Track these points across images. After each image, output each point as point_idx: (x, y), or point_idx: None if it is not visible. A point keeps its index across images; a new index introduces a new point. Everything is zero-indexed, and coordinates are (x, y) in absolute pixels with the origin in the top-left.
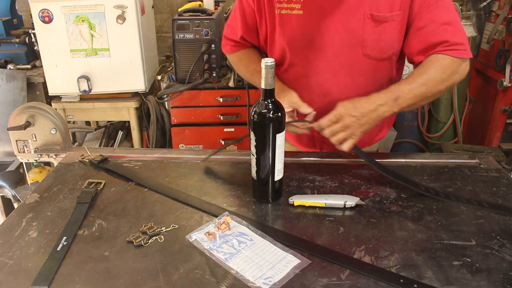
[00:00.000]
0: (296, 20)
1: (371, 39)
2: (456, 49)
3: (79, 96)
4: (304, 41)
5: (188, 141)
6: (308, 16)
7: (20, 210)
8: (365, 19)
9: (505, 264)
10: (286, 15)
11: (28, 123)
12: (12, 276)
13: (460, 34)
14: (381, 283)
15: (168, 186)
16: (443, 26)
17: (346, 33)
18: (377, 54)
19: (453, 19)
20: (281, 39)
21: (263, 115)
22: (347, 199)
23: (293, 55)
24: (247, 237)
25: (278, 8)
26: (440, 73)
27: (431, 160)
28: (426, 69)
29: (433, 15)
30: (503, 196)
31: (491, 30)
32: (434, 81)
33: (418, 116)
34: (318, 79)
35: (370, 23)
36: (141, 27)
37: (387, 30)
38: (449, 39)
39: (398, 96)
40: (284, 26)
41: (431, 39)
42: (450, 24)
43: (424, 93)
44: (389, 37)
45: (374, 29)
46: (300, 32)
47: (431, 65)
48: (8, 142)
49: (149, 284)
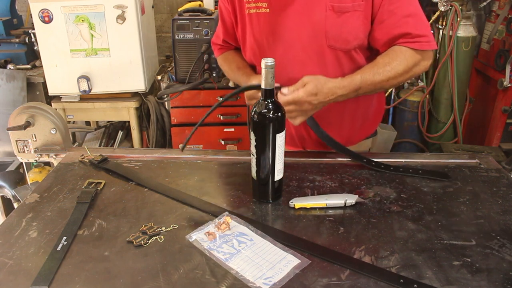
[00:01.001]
0: (263, 18)
1: (333, 30)
2: (419, 41)
3: (79, 96)
4: (271, 38)
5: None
6: (274, 13)
7: (20, 210)
8: (327, 10)
9: (505, 264)
10: (254, 14)
11: (28, 123)
12: (12, 276)
13: (422, 26)
14: (381, 283)
15: (168, 186)
16: (405, 18)
17: (310, 25)
18: (341, 45)
19: (415, 11)
20: (251, 38)
21: (263, 115)
22: (347, 197)
23: (263, 53)
24: (247, 237)
25: (247, 8)
26: (403, 65)
27: (431, 160)
28: (390, 61)
29: (395, 7)
30: (503, 196)
31: (491, 30)
32: (396, 73)
33: (418, 116)
34: (288, 72)
35: (332, 15)
36: (141, 27)
37: (349, 20)
38: (411, 31)
39: (360, 87)
40: (253, 26)
41: (394, 31)
42: (412, 16)
43: (385, 84)
44: (351, 28)
45: (336, 20)
46: (267, 29)
47: (395, 56)
48: (8, 142)
49: (149, 284)
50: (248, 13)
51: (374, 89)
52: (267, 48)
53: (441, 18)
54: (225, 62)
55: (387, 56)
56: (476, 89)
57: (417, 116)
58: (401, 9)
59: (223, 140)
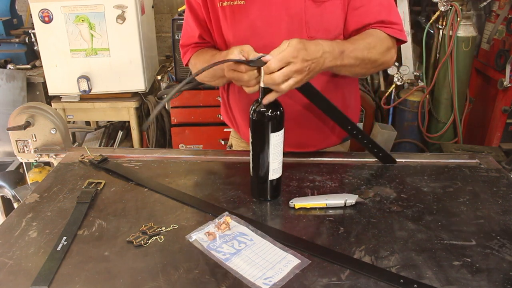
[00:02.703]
0: (239, 11)
1: (314, 20)
2: (392, 28)
3: (79, 96)
4: (249, 32)
5: (188, 141)
6: (250, 6)
7: (20, 210)
8: (306, 1)
9: (505, 264)
10: (228, 7)
11: (28, 123)
12: (12, 276)
13: (396, 15)
14: (381, 283)
15: (168, 186)
16: (379, 6)
17: (289, 18)
18: (323, 35)
19: (388, 1)
20: (226, 32)
21: (260, 113)
22: (347, 197)
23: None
24: (247, 237)
25: (220, 1)
26: (379, 44)
27: (431, 160)
28: (366, 37)
29: None
30: (503, 196)
31: (491, 30)
32: (374, 48)
33: (418, 116)
34: None
35: (311, 4)
36: (141, 27)
37: (328, 9)
38: (384, 19)
39: (343, 50)
40: (227, 20)
41: (367, 19)
42: (385, 5)
43: (364, 57)
44: (331, 16)
45: (315, 10)
46: (244, 23)
47: (370, 35)
48: (8, 142)
49: (149, 284)
50: (220, 6)
51: (354, 61)
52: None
53: (441, 18)
54: (197, 59)
55: (363, 34)
56: (476, 89)
57: (417, 116)
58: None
59: (223, 140)
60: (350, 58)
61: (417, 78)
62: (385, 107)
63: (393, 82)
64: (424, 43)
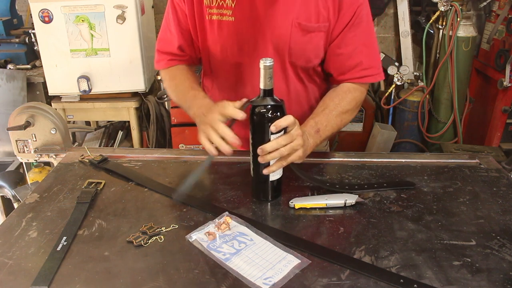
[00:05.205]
0: (227, 27)
1: (297, 47)
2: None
3: (79, 96)
4: (235, 48)
5: (188, 141)
6: (239, 23)
7: (20, 210)
8: (293, 27)
9: (505, 264)
10: (217, 21)
11: (28, 123)
12: (12, 276)
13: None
14: (381, 283)
15: (168, 186)
16: (360, 48)
17: (275, 39)
18: (302, 63)
19: (370, 40)
20: (212, 46)
21: (260, 114)
22: (347, 197)
23: (225, 63)
24: (247, 237)
25: (209, 13)
26: (352, 105)
27: (431, 160)
28: (340, 101)
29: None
30: (503, 196)
31: (491, 30)
32: (346, 113)
33: (418, 116)
34: (253, 86)
35: (298, 32)
36: (141, 27)
37: (313, 40)
38: (363, 61)
39: (318, 129)
40: (215, 33)
41: (347, 62)
42: (367, 46)
43: (337, 126)
44: (314, 47)
45: (300, 38)
46: (231, 39)
47: (345, 96)
48: (8, 142)
49: (149, 284)
50: (209, 19)
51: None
52: (231, 58)
53: (441, 18)
54: (173, 79)
55: (337, 97)
56: (476, 89)
57: (417, 116)
58: (357, 38)
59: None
60: (326, 132)
61: (417, 78)
62: (385, 107)
63: (393, 82)
64: (424, 43)
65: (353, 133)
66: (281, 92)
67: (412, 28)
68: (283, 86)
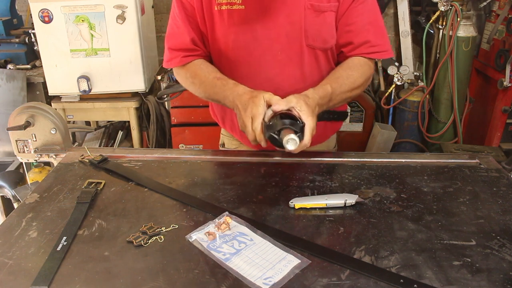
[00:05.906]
0: (238, 15)
1: (312, 29)
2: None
3: (79, 96)
4: (248, 37)
5: (188, 141)
6: (250, 11)
7: (20, 210)
8: (306, 9)
9: (505, 264)
10: (226, 11)
11: (28, 123)
12: (12, 276)
13: (382, 34)
14: (381, 283)
15: (168, 186)
16: (367, 26)
17: (289, 25)
18: (320, 44)
19: (376, 18)
20: (224, 37)
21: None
22: (347, 197)
23: (237, 53)
24: (247, 237)
25: (218, 4)
26: (363, 78)
27: (431, 160)
28: (352, 72)
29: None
30: (503, 196)
31: (491, 30)
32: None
33: (418, 116)
34: (267, 74)
35: (311, 13)
36: (141, 27)
37: (327, 20)
38: (371, 39)
39: (331, 98)
40: (225, 23)
41: (355, 39)
42: (373, 23)
43: (348, 95)
44: (329, 27)
45: (315, 19)
46: (243, 28)
47: (356, 69)
48: (8, 142)
49: (149, 284)
50: (218, 9)
51: (340, 100)
52: (243, 48)
53: (441, 18)
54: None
55: (349, 69)
56: (476, 89)
57: (417, 116)
58: (364, 16)
59: None
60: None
61: (417, 78)
62: (385, 107)
63: (393, 82)
64: (424, 43)
65: (353, 133)
66: (296, 78)
67: (412, 28)
68: (298, 72)
